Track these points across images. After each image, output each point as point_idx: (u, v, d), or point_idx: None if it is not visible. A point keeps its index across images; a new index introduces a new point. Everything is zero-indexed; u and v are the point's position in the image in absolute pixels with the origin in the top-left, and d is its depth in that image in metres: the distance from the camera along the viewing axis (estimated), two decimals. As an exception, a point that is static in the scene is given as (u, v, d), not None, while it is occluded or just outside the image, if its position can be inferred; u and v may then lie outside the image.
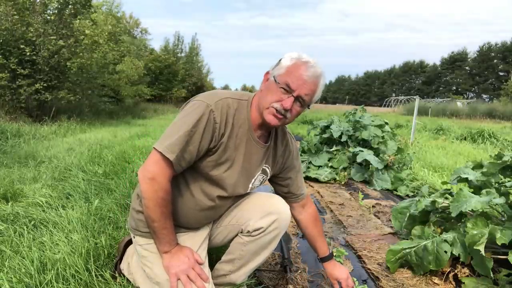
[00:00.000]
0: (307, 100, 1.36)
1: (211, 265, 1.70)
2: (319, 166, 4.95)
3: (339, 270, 1.77)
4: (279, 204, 1.59)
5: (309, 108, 1.43)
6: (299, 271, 2.12)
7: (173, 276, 1.34)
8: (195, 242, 1.52)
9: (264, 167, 1.55)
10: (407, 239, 2.34)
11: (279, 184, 1.70)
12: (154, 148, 1.30)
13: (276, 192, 1.74)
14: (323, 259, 1.79)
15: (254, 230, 1.54)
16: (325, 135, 5.63)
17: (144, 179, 1.29)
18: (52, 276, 1.58)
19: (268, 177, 1.62)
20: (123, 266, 1.68)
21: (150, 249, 1.47)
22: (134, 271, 1.60)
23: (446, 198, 2.44)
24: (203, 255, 1.51)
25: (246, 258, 1.59)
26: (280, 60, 1.39)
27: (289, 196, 1.69)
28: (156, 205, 1.30)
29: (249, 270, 1.64)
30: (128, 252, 1.71)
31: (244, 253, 1.58)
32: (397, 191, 4.21)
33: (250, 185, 1.55)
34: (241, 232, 1.60)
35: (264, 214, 1.55)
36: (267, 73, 1.42)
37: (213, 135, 1.33)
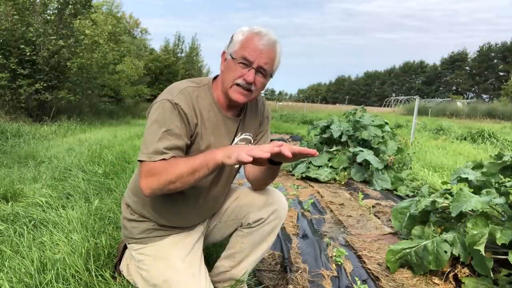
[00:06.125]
0: (268, 69, 1.36)
1: (211, 265, 1.71)
2: (319, 166, 4.95)
3: None
4: (277, 195, 1.61)
5: (271, 77, 1.42)
6: (299, 271, 2.12)
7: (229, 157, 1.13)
8: (190, 240, 1.51)
9: (244, 136, 1.53)
10: (407, 239, 2.35)
11: None
12: (138, 161, 1.26)
13: None
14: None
15: (254, 222, 1.56)
16: (325, 135, 5.64)
17: (147, 194, 1.25)
18: (52, 276, 1.58)
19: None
20: (123, 267, 1.68)
21: (145, 252, 1.47)
22: (133, 273, 1.60)
23: (446, 198, 2.44)
24: (198, 253, 1.51)
25: (246, 251, 1.60)
26: (232, 37, 1.38)
27: None
28: (177, 184, 1.21)
29: (250, 264, 1.64)
30: (127, 254, 1.71)
31: (245, 245, 1.59)
32: (397, 191, 4.21)
33: None
34: (241, 226, 1.61)
35: (263, 205, 1.56)
36: (223, 53, 1.41)
37: (189, 125, 1.33)
